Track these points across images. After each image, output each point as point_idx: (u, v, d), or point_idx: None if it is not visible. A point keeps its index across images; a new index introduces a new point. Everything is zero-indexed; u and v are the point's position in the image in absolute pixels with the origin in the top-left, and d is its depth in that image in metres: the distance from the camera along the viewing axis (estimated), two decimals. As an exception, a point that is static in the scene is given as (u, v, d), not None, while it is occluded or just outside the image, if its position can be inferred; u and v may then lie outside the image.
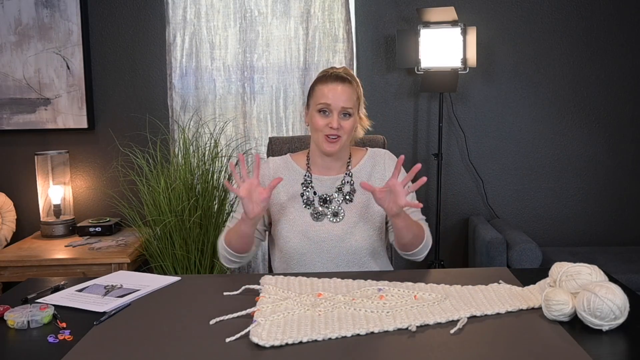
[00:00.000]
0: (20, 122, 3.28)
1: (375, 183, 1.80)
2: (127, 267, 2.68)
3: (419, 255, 1.78)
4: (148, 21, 3.28)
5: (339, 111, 1.72)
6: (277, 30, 3.22)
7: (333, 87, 1.73)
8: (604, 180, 3.39)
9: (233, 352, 1.15)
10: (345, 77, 1.76)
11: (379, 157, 1.86)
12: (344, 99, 1.72)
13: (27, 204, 3.33)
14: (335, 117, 1.72)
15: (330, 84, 1.74)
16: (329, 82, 1.74)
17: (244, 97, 3.26)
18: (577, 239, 3.42)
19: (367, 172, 1.83)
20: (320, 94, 1.74)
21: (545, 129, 3.36)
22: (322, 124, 1.73)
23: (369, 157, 1.86)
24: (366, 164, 1.84)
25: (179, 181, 2.75)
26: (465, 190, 3.41)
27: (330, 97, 1.72)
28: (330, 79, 1.75)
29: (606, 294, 1.20)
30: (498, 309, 1.34)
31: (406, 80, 3.33)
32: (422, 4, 3.20)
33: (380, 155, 1.86)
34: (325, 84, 1.74)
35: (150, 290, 1.52)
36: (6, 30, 3.22)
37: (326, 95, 1.72)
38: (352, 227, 1.76)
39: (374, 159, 1.85)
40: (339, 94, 1.72)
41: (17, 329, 1.29)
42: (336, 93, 1.72)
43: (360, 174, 1.83)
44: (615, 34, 3.29)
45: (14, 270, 2.72)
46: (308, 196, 1.80)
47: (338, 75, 1.76)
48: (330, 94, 1.72)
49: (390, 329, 1.24)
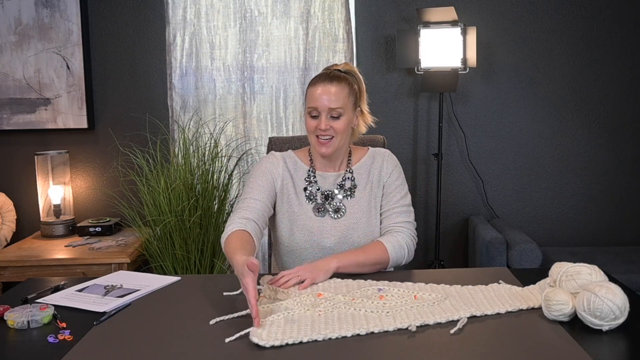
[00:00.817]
0: (20, 122, 3.28)
1: (372, 180, 1.82)
2: (127, 267, 2.68)
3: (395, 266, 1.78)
4: (148, 21, 3.28)
5: (327, 113, 1.72)
6: (277, 30, 3.22)
7: (320, 88, 1.73)
8: (604, 180, 3.39)
9: (233, 352, 1.15)
10: (335, 76, 1.75)
11: (379, 156, 1.86)
12: (331, 99, 1.71)
13: (27, 204, 3.33)
14: (323, 119, 1.72)
15: (318, 85, 1.74)
16: (317, 84, 1.74)
17: (244, 97, 3.26)
18: (577, 239, 3.42)
19: (367, 171, 1.84)
20: (310, 97, 1.75)
21: (545, 129, 3.36)
22: (313, 126, 1.74)
23: (369, 156, 1.86)
24: (366, 162, 1.85)
25: (179, 181, 2.75)
26: (465, 190, 3.41)
27: (317, 100, 1.72)
28: (319, 79, 1.75)
29: (606, 294, 1.20)
30: (498, 309, 1.34)
31: (406, 80, 3.33)
32: (422, 4, 3.20)
33: (380, 154, 1.87)
34: (314, 86, 1.75)
35: (150, 290, 1.52)
36: (6, 30, 3.22)
37: (315, 99, 1.73)
38: (354, 223, 1.77)
39: (373, 157, 1.86)
40: (325, 94, 1.72)
41: (17, 329, 1.29)
42: (322, 94, 1.72)
43: (360, 171, 1.84)
44: (615, 34, 3.29)
45: (14, 270, 2.72)
46: (311, 191, 1.80)
47: (328, 75, 1.76)
48: (317, 96, 1.72)
49: (390, 329, 1.24)
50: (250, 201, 1.74)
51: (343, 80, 1.75)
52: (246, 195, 1.76)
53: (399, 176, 1.83)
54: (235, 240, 1.58)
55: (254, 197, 1.74)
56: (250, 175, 1.83)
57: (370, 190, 1.81)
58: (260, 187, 1.77)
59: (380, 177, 1.82)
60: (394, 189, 1.81)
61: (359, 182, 1.82)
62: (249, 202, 1.73)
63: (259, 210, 1.72)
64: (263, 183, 1.78)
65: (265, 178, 1.79)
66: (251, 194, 1.75)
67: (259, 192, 1.76)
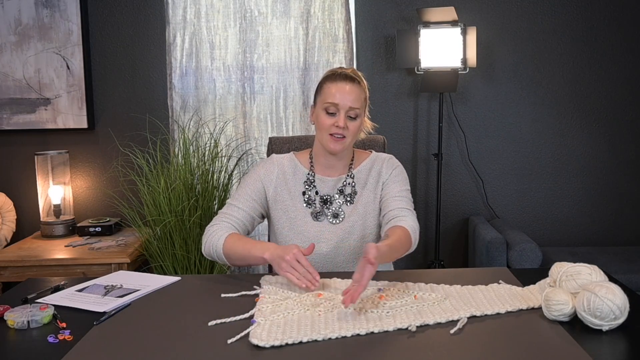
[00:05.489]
0: (20, 122, 3.28)
1: (370, 184, 1.80)
2: (127, 267, 2.68)
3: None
4: (148, 21, 3.28)
5: (346, 111, 1.70)
6: (277, 30, 3.22)
7: (342, 86, 1.71)
8: (604, 180, 3.39)
9: (233, 352, 1.15)
10: (354, 78, 1.74)
11: (379, 160, 1.85)
12: (352, 98, 1.70)
13: (27, 204, 3.33)
14: (342, 116, 1.70)
15: (339, 83, 1.72)
16: (337, 81, 1.72)
17: (244, 97, 3.26)
18: (577, 239, 3.41)
19: (365, 175, 1.83)
20: (328, 93, 1.72)
21: (545, 129, 3.36)
22: (329, 123, 1.71)
23: (370, 160, 1.85)
24: (366, 166, 1.84)
25: (179, 181, 2.75)
26: (465, 190, 3.41)
27: (338, 97, 1.70)
28: (339, 77, 1.73)
29: (606, 294, 1.20)
30: (498, 309, 1.34)
31: (406, 80, 3.33)
32: (422, 4, 3.20)
33: (381, 158, 1.85)
34: (334, 82, 1.72)
35: (150, 290, 1.52)
36: (6, 30, 3.22)
37: (334, 95, 1.70)
38: (351, 228, 1.77)
39: (374, 162, 1.84)
40: (347, 93, 1.70)
41: (17, 329, 1.29)
42: (344, 93, 1.70)
43: (360, 175, 1.83)
44: (615, 34, 3.29)
45: (14, 270, 2.72)
46: (310, 195, 1.79)
47: (347, 75, 1.74)
48: (338, 93, 1.70)
49: (390, 329, 1.24)
50: (234, 209, 1.77)
51: (361, 84, 1.75)
52: (233, 202, 1.78)
53: (399, 174, 1.81)
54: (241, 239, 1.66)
55: (238, 206, 1.77)
56: (243, 179, 1.85)
57: (367, 194, 1.80)
58: (247, 196, 1.78)
59: (379, 178, 1.81)
60: (393, 182, 1.78)
61: (358, 188, 1.81)
62: (233, 210, 1.76)
63: (241, 220, 1.76)
64: (251, 192, 1.79)
65: (254, 187, 1.80)
66: (237, 202, 1.78)
67: (245, 201, 1.78)
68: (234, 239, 1.67)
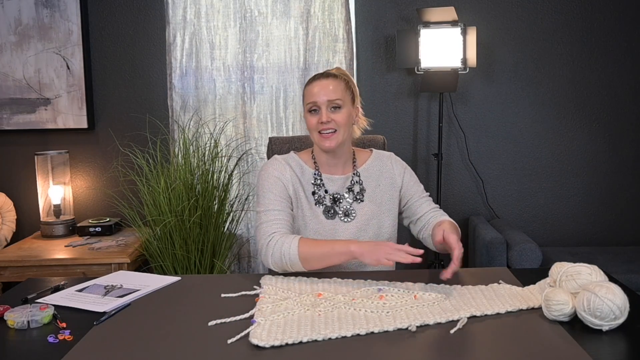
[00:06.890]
0: (20, 122, 3.28)
1: (384, 185, 1.84)
2: (127, 267, 2.68)
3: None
4: (148, 21, 3.28)
5: (327, 105, 1.73)
6: (277, 30, 3.22)
7: (318, 83, 1.76)
8: (604, 180, 3.39)
9: (233, 352, 1.15)
10: (330, 74, 1.79)
11: (386, 159, 1.88)
12: (329, 91, 1.74)
13: (27, 204, 3.33)
14: (324, 111, 1.73)
15: (315, 82, 1.77)
16: (313, 82, 1.78)
17: (244, 97, 3.26)
18: (577, 239, 3.41)
19: (376, 174, 1.85)
20: (307, 94, 1.77)
21: (545, 129, 3.36)
22: (314, 122, 1.75)
23: (374, 159, 1.87)
24: (373, 165, 1.86)
25: (179, 181, 2.75)
26: (465, 190, 3.41)
27: (316, 93, 1.74)
28: (316, 77, 1.79)
29: (606, 294, 1.20)
30: (498, 309, 1.34)
31: (406, 80, 3.33)
32: (422, 4, 3.20)
33: (386, 157, 1.89)
34: (312, 83, 1.78)
35: (150, 290, 1.52)
36: (6, 30, 3.22)
37: (312, 93, 1.75)
38: (364, 226, 1.79)
39: (380, 161, 1.87)
40: (324, 88, 1.74)
41: (17, 329, 1.29)
42: (321, 88, 1.74)
43: (368, 174, 1.84)
44: (615, 34, 3.29)
45: (14, 270, 2.72)
46: (320, 194, 1.80)
47: (324, 73, 1.80)
48: (315, 90, 1.75)
49: (390, 329, 1.24)
50: (275, 213, 1.71)
51: (338, 77, 1.79)
52: (268, 208, 1.72)
53: (412, 175, 1.89)
54: (313, 240, 1.65)
55: (276, 208, 1.72)
56: (261, 186, 1.77)
57: (381, 193, 1.83)
58: (278, 197, 1.74)
59: (393, 180, 1.85)
60: (410, 185, 1.87)
61: (368, 186, 1.83)
62: (275, 215, 1.70)
63: (288, 221, 1.72)
64: (278, 192, 1.74)
65: (278, 187, 1.75)
66: (272, 206, 1.72)
67: (278, 202, 1.73)
68: (306, 242, 1.62)
